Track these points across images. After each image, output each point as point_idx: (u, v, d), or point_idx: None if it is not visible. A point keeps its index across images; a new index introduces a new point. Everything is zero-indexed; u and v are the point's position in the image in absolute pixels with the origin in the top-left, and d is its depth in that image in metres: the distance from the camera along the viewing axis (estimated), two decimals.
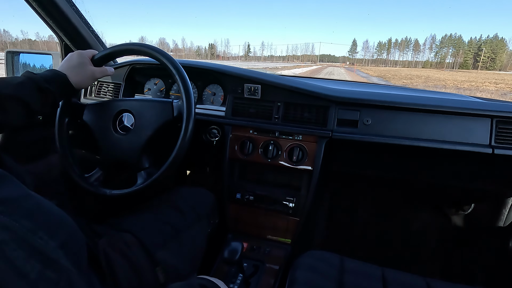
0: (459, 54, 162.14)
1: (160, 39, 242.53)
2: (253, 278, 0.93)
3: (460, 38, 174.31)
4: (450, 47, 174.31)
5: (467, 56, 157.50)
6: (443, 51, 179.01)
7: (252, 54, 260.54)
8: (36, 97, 0.64)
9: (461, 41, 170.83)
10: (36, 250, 0.31)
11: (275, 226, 1.08)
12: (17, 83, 0.62)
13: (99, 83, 1.21)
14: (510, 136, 0.90)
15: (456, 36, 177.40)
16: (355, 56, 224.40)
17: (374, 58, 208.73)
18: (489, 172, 1.04)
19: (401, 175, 1.16)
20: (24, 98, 0.61)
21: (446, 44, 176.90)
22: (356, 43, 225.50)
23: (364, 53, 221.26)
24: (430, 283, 0.70)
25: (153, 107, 0.79)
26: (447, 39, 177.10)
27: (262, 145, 1.02)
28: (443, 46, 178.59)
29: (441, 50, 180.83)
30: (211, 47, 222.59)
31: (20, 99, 0.61)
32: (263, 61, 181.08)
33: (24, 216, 0.33)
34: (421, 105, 0.92)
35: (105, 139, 0.80)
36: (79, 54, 0.75)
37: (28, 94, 0.62)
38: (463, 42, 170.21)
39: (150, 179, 0.75)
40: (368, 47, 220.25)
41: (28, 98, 0.62)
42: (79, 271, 0.35)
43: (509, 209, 1.24)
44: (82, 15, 1.05)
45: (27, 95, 0.62)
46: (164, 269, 0.66)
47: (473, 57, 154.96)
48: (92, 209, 0.92)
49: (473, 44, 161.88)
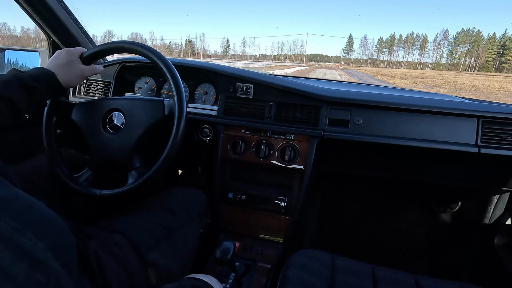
0: (479, 53, 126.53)
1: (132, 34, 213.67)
2: (245, 278, 0.93)
3: (479, 33, 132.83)
4: (466, 45, 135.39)
5: (489, 55, 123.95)
6: (457, 49, 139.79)
7: (232, 52, 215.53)
8: (22, 96, 0.62)
9: (480, 38, 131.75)
10: (24, 251, 0.30)
11: (267, 225, 1.08)
12: (2, 81, 0.60)
13: (88, 82, 1.19)
14: (495, 136, 0.93)
15: (474, 32, 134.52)
16: (351, 55, 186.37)
17: (373, 58, 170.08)
18: (475, 171, 1.07)
19: (390, 174, 1.18)
20: (9, 97, 0.60)
21: (461, 41, 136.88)
22: (353, 39, 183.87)
23: (362, 52, 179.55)
24: (418, 279, 0.72)
25: (144, 106, 0.78)
26: (463, 35, 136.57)
27: (254, 144, 1.02)
28: (458, 43, 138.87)
29: (456, 48, 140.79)
30: (188, 43, 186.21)
31: (6, 98, 0.59)
32: (244, 60, 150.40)
33: (12, 217, 0.32)
34: (410, 105, 0.94)
35: (94, 139, 0.79)
36: (67, 52, 0.73)
37: (14, 93, 0.60)
38: (482, 38, 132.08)
39: (141, 179, 0.74)
40: (366, 45, 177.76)
41: (14, 97, 0.60)
42: (69, 273, 0.34)
43: (494, 207, 1.28)
44: (70, 12, 1.03)
45: (12, 94, 0.60)
46: (156, 270, 0.65)
47: (496, 57, 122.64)
48: (83, 210, 0.90)
49: (495, 41, 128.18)
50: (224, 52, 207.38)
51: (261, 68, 32.64)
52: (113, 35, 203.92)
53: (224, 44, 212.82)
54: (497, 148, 0.92)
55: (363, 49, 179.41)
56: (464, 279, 1.28)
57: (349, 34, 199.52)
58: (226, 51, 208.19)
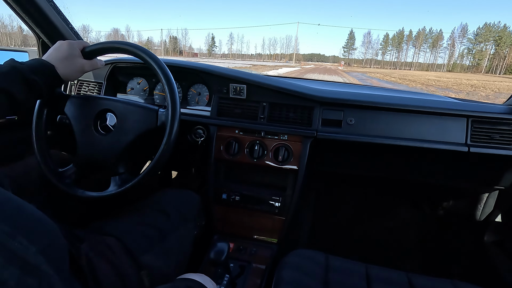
0: (508, 52, 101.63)
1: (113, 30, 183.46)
2: (240, 279, 0.93)
3: (505, 29, 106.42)
4: (489, 42, 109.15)
5: None
6: (479, 48, 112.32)
7: (217, 50, 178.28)
8: (21, 88, 0.60)
9: (506, 33, 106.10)
10: (15, 255, 0.30)
11: (261, 226, 1.08)
12: (1, 73, 0.58)
13: (79, 82, 1.17)
14: (484, 135, 0.95)
15: (499, 26, 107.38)
16: (352, 54, 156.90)
17: (378, 59, 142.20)
18: (465, 169, 1.09)
19: (383, 173, 1.19)
20: (8, 90, 0.57)
21: (484, 37, 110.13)
22: (354, 36, 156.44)
23: (365, 50, 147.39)
24: (411, 278, 0.73)
25: (137, 112, 0.76)
26: (486, 30, 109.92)
27: (248, 145, 1.02)
28: (480, 40, 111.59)
29: (477, 46, 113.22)
30: (172, 40, 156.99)
31: (5, 90, 0.57)
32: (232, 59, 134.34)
33: (3, 220, 0.32)
34: (401, 105, 0.95)
35: (83, 136, 0.77)
36: (69, 45, 0.70)
37: (12, 85, 0.58)
38: (510, 34, 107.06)
39: (124, 186, 0.73)
40: (370, 42, 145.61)
41: (12, 89, 0.58)
42: (61, 276, 0.34)
43: (484, 205, 1.30)
44: (60, 11, 1.01)
45: (11, 86, 0.58)
46: (149, 272, 0.64)
47: None
48: (74, 212, 0.89)
49: None
50: (210, 49, 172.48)
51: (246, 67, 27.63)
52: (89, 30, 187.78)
53: (209, 41, 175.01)
54: (486, 147, 0.94)
55: (367, 47, 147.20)
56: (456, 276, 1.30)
57: (350, 30, 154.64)
58: (211, 48, 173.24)
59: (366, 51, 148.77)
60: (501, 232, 1.28)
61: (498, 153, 0.93)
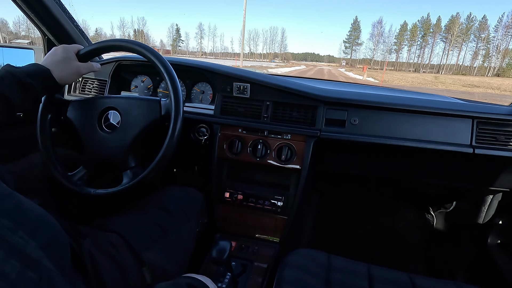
0: None
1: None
2: (241, 277, 0.93)
3: None
4: None
5: None
6: None
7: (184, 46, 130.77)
8: (17, 92, 0.61)
9: None
10: (16, 249, 0.30)
11: (264, 225, 1.08)
12: None
13: (83, 80, 1.18)
14: (489, 137, 0.94)
15: None
16: (357, 51, 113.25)
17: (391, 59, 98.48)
18: (470, 171, 1.08)
19: (386, 174, 1.19)
20: (4, 94, 0.59)
21: None
22: (360, 26, 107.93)
23: (374, 46, 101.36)
24: (413, 279, 0.72)
25: (140, 105, 0.78)
26: None
27: (251, 144, 1.02)
28: None
29: None
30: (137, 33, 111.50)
31: (0, 94, 0.58)
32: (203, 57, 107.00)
33: (4, 215, 0.32)
34: (406, 106, 0.95)
35: (89, 137, 0.78)
36: (64, 49, 0.72)
37: (8, 89, 0.60)
38: None
39: (136, 179, 0.74)
40: (382, 34, 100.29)
41: (8, 93, 0.59)
42: (62, 272, 0.34)
43: (488, 207, 1.29)
44: (66, 9, 1.02)
45: (7, 90, 0.59)
46: (151, 269, 0.65)
47: None
48: (77, 209, 0.90)
49: None
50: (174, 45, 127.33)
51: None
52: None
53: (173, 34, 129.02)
54: (491, 148, 0.93)
55: (377, 42, 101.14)
56: (459, 278, 1.29)
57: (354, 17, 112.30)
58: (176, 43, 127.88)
59: (376, 47, 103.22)
60: (505, 234, 1.27)
61: (503, 154, 0.92)
